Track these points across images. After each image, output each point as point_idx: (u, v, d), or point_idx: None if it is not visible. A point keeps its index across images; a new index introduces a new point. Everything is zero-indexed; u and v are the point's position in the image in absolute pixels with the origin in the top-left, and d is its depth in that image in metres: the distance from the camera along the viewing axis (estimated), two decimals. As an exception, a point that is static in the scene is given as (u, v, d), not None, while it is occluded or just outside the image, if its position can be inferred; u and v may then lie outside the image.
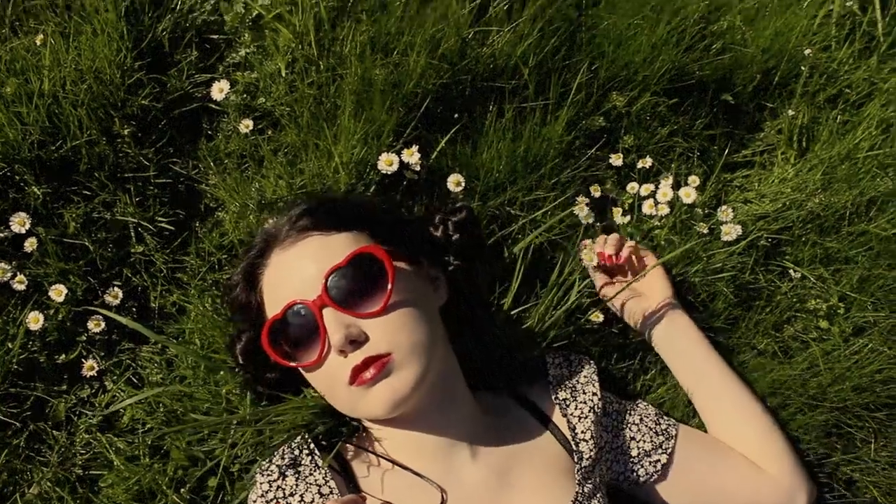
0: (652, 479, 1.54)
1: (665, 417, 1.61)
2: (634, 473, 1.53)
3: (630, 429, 1.56)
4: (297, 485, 1.34)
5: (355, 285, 1.31)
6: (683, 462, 1.56)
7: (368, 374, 1.27)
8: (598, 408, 1.51)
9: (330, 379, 1.33)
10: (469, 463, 1.39)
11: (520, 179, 1.76)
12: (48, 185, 1.68)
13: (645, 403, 1.64)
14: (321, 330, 1.30)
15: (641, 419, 1.58)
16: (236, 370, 1.52)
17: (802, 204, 1.92)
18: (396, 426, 1.39)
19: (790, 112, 2.02)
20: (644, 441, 1.55)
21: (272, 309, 1.37)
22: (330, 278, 1.30)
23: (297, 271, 1.35)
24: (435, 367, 1.35)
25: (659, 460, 1.54)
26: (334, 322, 1.28)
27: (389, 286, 1.31)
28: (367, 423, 1.45)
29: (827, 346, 1.80)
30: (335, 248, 1.34)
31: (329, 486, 1.34)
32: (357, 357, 1.28)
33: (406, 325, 1.31)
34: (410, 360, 1.30)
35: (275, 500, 1.32)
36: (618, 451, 1.54)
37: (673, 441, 1.56)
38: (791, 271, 1.87)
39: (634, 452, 1.54)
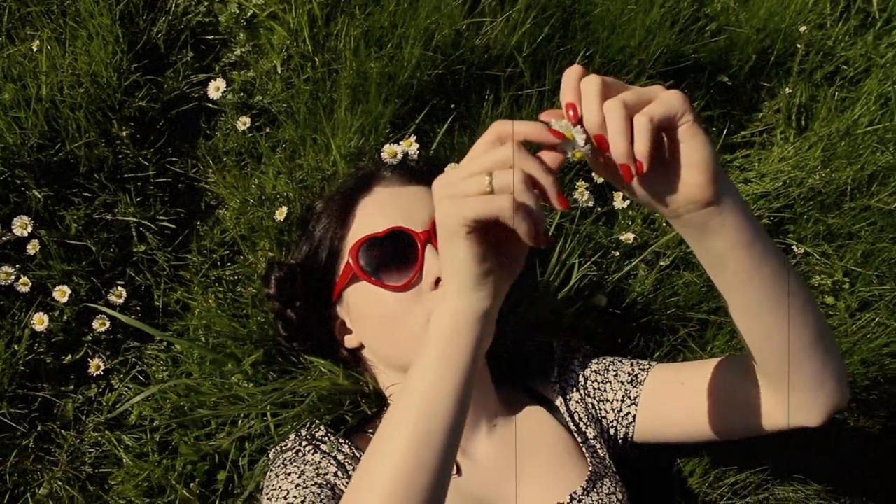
0: (632, 433, 1.48)
1: (639, 364, 1.50)
2: (618, 435, 1.49)
3: (607, 387, 1.51)
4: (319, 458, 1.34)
5: None
6: (653, 394, 1.46)
7: None
8: (580, 385, 1.51)
9: (406, 310, 1.35)
10: (485, 441, 1.40)
11: (518, 166, 1.76)
12: (49, 188, 1.69)
13: (621, 360, 1.54)
14: (419, 259, 1.34)
15: (616, 375, 1.51)
16: (265, 298, 1.53)
17: (803, 181, 1.92)
18: None
19: (787, 90, 2.02)
20: (616, 399, 1.49)
21: (367, 229, 1.40)
22: None
23: (407, 207, 1.40)
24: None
25: (629, 412, 1.48)
26: (434, 257, 1.32)
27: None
28: (388, 398, 1.44)
29: (833, 321, 1.80)
30: None
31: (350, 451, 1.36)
32: None
33: None
34: None
35: (299, 450, 1.34)
36: (600, 422, 1.51)
37: (641, 387, 1.47)
38: (794, 248, 1.87)
39: (611, 416, 1.51)
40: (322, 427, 1.41)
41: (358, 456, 1.36)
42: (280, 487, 1.27)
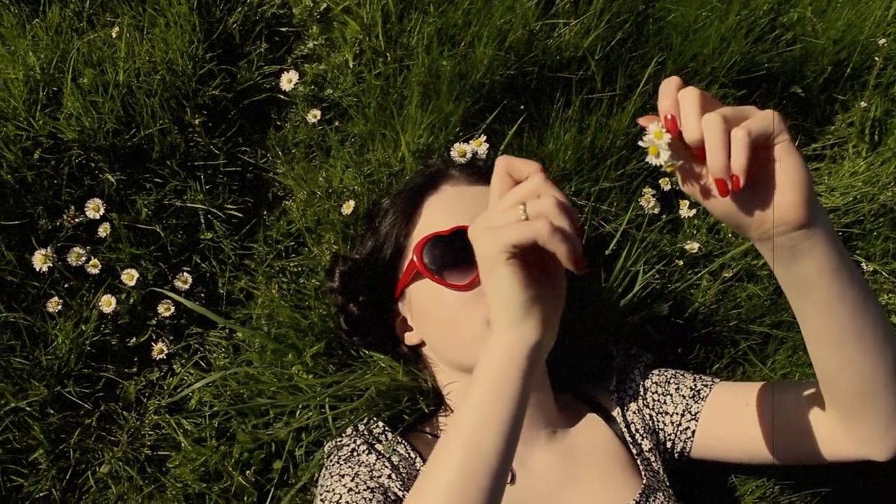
0: (690, 448, 1.46)
1: (702, 379, 1.49)
2: (674, 449, 1.48)
3: (667, 400, 1.50)
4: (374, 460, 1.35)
5: None
6: (714, 412, 1.44)
7: None
8: (639, 395, 1.50)
9: (467, 310, 1.34)
10: (542, 448, 1.39)
11: (585, 170, 1.76)
12: (122, 173, 1.72)
13: (683, 373, 1.52)
14: None
15: (678, 388, 1.50)
16: (329, 292, 1.54)
17: (874, 198, 1.88)
18: None
19: (862, 104, 1.98)
20: (676, 413, 1.48)
21: (433, 227, 1.40)
22: None
23: (473, 206, 1.40)
24: None
25: (689, 427, 1.46)
26: None
27: None
28: (446, 396, 1.44)
29: (900, 342, 1.76)
30: None
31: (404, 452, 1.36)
32: None
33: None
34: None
35: (353, 450, 1.35)
36: (657, 434, 1.50)
37: (703, 403, 1.45)
38: (863, 265, 1.83)
39: (669, 430, 1.49)
40: (380, 423, 1.41)
41: (413, 457, 1.37)
42: (333, 490, 1.28)
